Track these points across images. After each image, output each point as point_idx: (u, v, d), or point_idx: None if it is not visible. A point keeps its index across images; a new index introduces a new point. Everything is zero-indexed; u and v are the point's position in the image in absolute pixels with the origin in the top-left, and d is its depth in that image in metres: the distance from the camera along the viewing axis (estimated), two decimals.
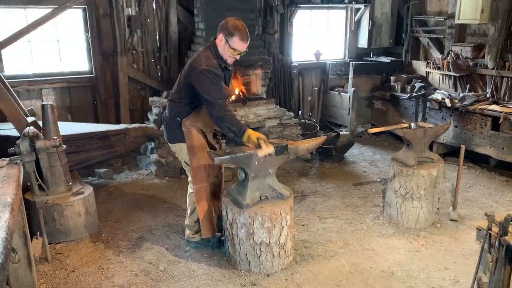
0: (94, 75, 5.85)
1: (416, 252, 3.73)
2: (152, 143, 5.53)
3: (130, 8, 5.82)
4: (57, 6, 4.68)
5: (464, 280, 3.30)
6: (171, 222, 4.31)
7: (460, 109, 5.65)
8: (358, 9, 7.43)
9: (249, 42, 3.30)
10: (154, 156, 5.46)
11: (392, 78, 7.07)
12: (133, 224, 4.27)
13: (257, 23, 6.42)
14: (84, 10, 5.64)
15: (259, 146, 3.23)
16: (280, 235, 3.36)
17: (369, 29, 7.34)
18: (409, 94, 6.37)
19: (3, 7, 5.23)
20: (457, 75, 6.29)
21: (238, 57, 3.35)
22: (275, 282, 3.32)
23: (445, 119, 5.91)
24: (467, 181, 5.26)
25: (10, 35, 4.39)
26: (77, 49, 5.83)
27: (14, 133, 4.09)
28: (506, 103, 5.61)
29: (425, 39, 7.14)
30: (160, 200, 4.81)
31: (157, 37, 6.10)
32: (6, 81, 4.46)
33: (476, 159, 5.74)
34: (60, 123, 4.00)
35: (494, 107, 5.41)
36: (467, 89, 6.25)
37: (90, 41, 5.74)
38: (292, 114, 6.14)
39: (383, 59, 7.56)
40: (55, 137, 3.74)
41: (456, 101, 5.80)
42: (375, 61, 7.60)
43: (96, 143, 4.77)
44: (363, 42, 7.54)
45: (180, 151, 3.57)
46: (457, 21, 6.16)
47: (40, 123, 4.00)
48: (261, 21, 6.58)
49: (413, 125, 4.19)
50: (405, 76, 7.08)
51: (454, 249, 3.79)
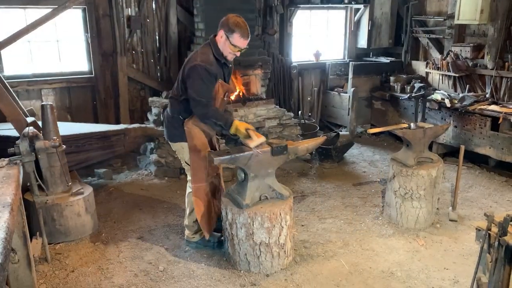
0: (93, 75, 5.86)
1: (415, 252, 3.73)
2: (152, 143, 5.53)
3: (129, 8, 5.82)
4: (56, 6, 4.68)
5: (464, 280, 3.30)
6: (170, 222, 4.31)
7: (459, 110, 5.65)
8: (357, 10, 7.44)
9: (249, 39, 3.31)
10: (154, 156, 5.46)
11: (392, 78, 7.07)
12: (133, 224, 4.27)
13: (257, 23, 6.42)
14: (84, 10, 5.65)
15: (248, 136, 3.23)
16: (280, 235, 3.36)
17: (368, 29, 7.35)
18: (408, 95, 6.37)
19: (2, 7, 5.22)
20: (457, 75, 6.29)
21: (239, 53, 3.35)
22: (274, 282, 3.32)
23: (445, 120, 5.91)
24: (467, 181, 5.26)
25: (9, 35, 4.39)
26: (76, 49, 5.83)
27: (14, 133, 4.09)
28: (505, 103, 5.61)
29: (424, 40, 7.14)
30: (159, 200, 4.81)
31: (157, 37, 6.10)
32: (5, 81, 4.46)
33: (475, 159, 5.75)
34: (59, 123, 4.00)
35: (494, 107, 5.42)
36: (466, 89, 6.25)
37: (89, 41, 5.74)
38: (292, 114, 6.14)
39: (382, 59, 7.56)
40: (55, 137, 3.74)
41: (456, 102, 5.80)
42: (374, 61, 7.61)
43: (96, 143, 4.76)
44: (362, 42, 7.54)
45: (181, 150, 3.56)
46: (456, 22, 6.17)
47: (40, 123, 4.00)
48: (261, 21, 6.58)
49: (412, 125, 4.20)
50: (404, 76, 7.09)
51: (454, 249, 3.79)
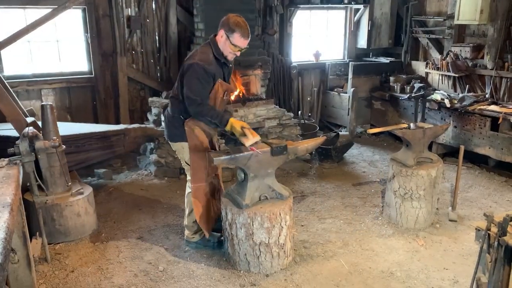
0: (93, 75, 5.86)
1: (415, 253, 3.74)
2: (152, 143, 5.53)
3: (129, 9, 5.83)
4: (56, 6, 4.68)
5: (463, 281, 3.30)
6: (170, 223, 4.31)
7: (459, 110, 5.66)
8: (357, 10, 7.44)
9: (250, 39, 3.31)
10: (154, 157, 5.46)
11: (392, 78, 7.07)
12: (133, 224, 4.27)
13: (257, 23, 6.42)
14: (84, 10, 5.65)
15: (243, 135, 3.23)
16: (280, 235, 3.36)
17: (368, 29, 7.35)
18: (408, 95, 6.38)
19: (2, 8, 5.23)
20: (457, 75, 6.29)
21: (239, 53, 3.35)
22: (274, 282, 3.32)
23: (444, 120, 5.91)
24: (466, 181, 5.26)
25: (9, 35, 4.39)
26: (76, 49, 5.83)
27: (14, 133, 4.09)
28: (505, 103, 5.62)
29: (424, 40, 7.15)
30: (159, 201, 4.81)
31: (157, 37, 6.11)
32: (5, 81, 4.46)
33: (475, 159, 5.75)
34: (59, 124, 4.00)
35: (493, 107, 5.42)
36: (466, 89, 6.25)
37: (89, 41, 5.74)
38: (292, 114, 6.14)
39: (382, 59, 7.57)
40: (55, 137, 3.74)
41: (456, 102, 5.80)
42: (374, 61, 7.61)
43: (96, 144, 4.76)
44: (362, 42, 7.54)
45: (182, 150, 3.56)
46: (456, 22, 6.17)
47: (40, 123, 4.00)
48: (261, 21, 6.59)
49: (412, 125, 4.20)
50: (404, 76, 7.09)
51: (453, 249, 3.79)
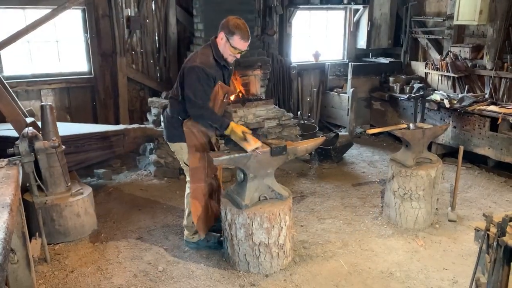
0: (93, 75, 5.86)
1: (414, 253, 3.74)
2: (151, 143, 5.53)
3: (129, 9, 5.83)
4: (56, 6, 4.69)
5: (463, 281, 3.31)
6: (170, 223, 4.31)
7: (458, 110, 5.66)
8: (357, 10, 7.44)
9: (250, 41, 3.31)
10: (153, 157, 5.46)
11: (391, 79, 7.07)
12: (132, 224, 4.27)
13: (256, 24, 6.43)
14: (83, 10, 5.65)
15: (244, 139, 3.23)
16: (279, 235, 3.36)
17: (368, 30, 7.35)
18: (408, 95, 6.38)
19: (2, 8, 5.22)
20: (456, 76, 6.30)
21: (239, 55, 3.36)
22: (274, 282, 3.32)
23: (444, 120, 5.92)
24: (466, 181, 5.26)
25: (9, 35, 4.40)
26: (76, 49, 5.83)
27: (13, 133, 4.08)
28: (504, 103, 5.62)
29: (424, 40, 7.15)
30: (159, 201, 4.80)
31: (156, 37, 6.10)
32: (5, 81, 4.46)
33: (474, 159, 5.75)
34: (59, 124, 4.00)
35: (493, 108, 5.43)
36: (465, 90, 6.26)
37: (89, 41, 5.74)
38: (291, 114, 6.14)
39: (382, 60, 7.57)
40: (54, 137, 3.74)
41: (455, 102, 5.81)
42: (374, 62, 7.62)
43: (95, 144, 4.76)
44: (362, 43, 7.54)
45: (180, 151, 3.57)
46: (455, 22, 6.18)
47: (39, 123, 3.99)
48: (260, 22, 6.59)
49: (411, 125, 4.20)
50: (404, 77, 7.09)
51: (453, 249, 3.79)
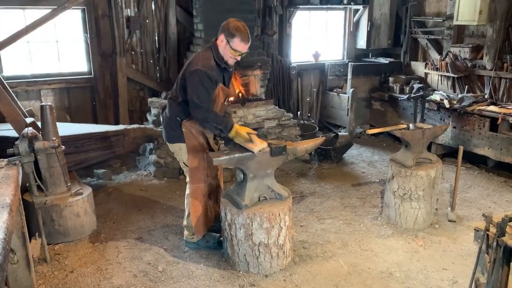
0: (93, 75, 5.86)
1: (414, 253, 3.74)
2: (151, 144, 5.53)
3: (129, 9, 5.83)
4: (56, 6, 4.69)
5: (462, 281, 3.31)
6: (169, 223, 4.31)
7: (458, 110, 5.66)
8: (356, 10, 7.45)
9: (250, 43, 3.32)
10: (153, 157, 5.46)
11: (391, 79, 7.08)
12: (132, 225, 4.27)
13: (256, 24, 6.43)
14: (83, 10, 5.65)
15: (250, 141, 3.23)
16: (279, 236, 3.36)
17: (367, 30, 7.35)
18: (407, 95, 6.38)
19: (2, 8, 5.22)
20: (456, 76, 6.30)
21: (239, 58, 3.37)
22: (273, 283, 3.32)
23: (444, 120, 5.92)
24: (466, 182, 5.27)
25: (9, 35, 4.40)
26: (76, 49, 5.83)
27: (13, 134, 4.09)
28: (504, 104, 5.62)
29: (423, 40, 7.15)
30: (158, 201, 4.80)
31: (156, 38, 6.11)
32: (5, 81, 4.46)
33: (474, 160, 5.76)
34: (59, 124, 4.00)
35: (492, 108, 5.43)
36: (465, 90, 6.26)
37: (89, 41, 5.74)
38: (291, 115, 6.14)
39: (381, 60, 7.57)
40: (54, 138, 3.74)
41: (455, 102, 5.81)
42: (373, 62, 7.62)
43: (95, 144, 4.76)
44: (361, 43, 7.54)
45: (179, 151, 3.57)
46: (455, 22, 6.18)
47: (39, 123, 4.00)
48: (260, 22, 6.59)
49: (411, 126, 4.20)
50: (403, 77, 7.09)
51: (452, 249, 3.80)
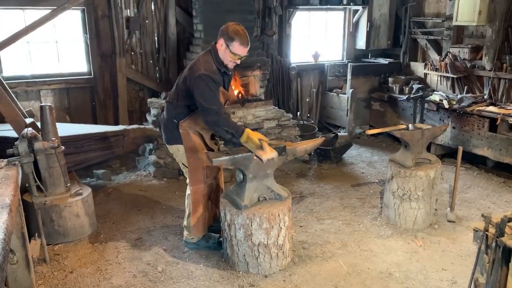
0: (92, 76, 5.86)
1: (413, 253, 3.74)
2: (151, 144, 5.53)
3: (128, 10, 5.83)
4: (55, 7, 4.69)
5: (462, 281, 3.31)
6: (169, 223, 4.31)
7: (458, 111, 5.67)
8: (356, 11, 7.45)
9: (249, 46, 3.32)
10: (153, 157, 5.46)
11: (390, 79, 7.08)
12: (132, 225, 4.27)
13: (256, 24, 6.43)
14: (83, 11, 5.65)
15: (260, 147, 3.22)
16: (278, 236, 3.36)
17: (367, 30, 7.35)
18: (407, 96, 6.38)
19: (1, 8, 5.23)
20: (455, 76, 6.30)
21: (239, 61, 3.37)
22: (273, 283, 3.32)
23: (443, 121, 5.93)
24: (465, 182, 5.27)
25: (8, 36, 4.40)
26: (75, 50, 5.83)
27: (13, 134, 4.09)
28: (503, 104, 5.63)
29: (423, 41, 7.16)
30: (158, 201, 4.81)
31: (156, 38, 6.11)
32: (4, 82, 4.46)
33: (473, 160, 5.76)
34: (58, 124, 3.99)
35: (492, 108, 5.43)
36: (464, 90, 6.26)
37: (88, 42, 5.75)
38: (291, 115, 6.14)
39: (381, 60, 7.58)
40: (54, 138, 3.74)
41: (454, 103, 5.82)
42: (373, 62, 7.62)
43: (95, 144, 4.76)
44: (361, 43, 7.54)
45: (178, 153, 3.59)
46: (455, 23, 6.18)
47: (39, 124, 4.00)
48: (260, 22, 6.60)
49: (411, 126, 4.21)
50: (403, 77, 7.10)
51: (452, 250, 3.80)
